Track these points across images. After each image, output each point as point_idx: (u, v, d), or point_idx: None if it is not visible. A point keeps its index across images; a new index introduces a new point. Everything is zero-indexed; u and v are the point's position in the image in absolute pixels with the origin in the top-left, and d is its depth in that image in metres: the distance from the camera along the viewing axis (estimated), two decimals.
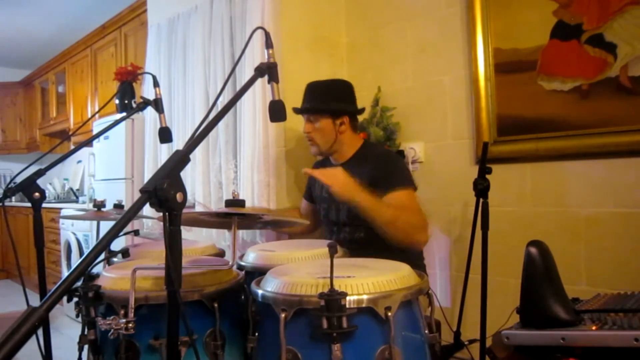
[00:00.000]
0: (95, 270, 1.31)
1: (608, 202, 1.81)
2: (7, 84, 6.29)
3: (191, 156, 0.98)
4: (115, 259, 1.63)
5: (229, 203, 1.34)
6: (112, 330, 1.07)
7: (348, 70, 2.67)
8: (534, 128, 1.97)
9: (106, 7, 4.15)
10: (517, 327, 1.08)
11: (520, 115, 2.01)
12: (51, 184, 5.76)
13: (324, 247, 1.48)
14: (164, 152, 2.90)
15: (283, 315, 1.04)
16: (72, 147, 3.79)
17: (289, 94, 2.08)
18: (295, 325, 1.05)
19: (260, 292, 1.14)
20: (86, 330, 1.25)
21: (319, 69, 2.46)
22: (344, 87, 1.99)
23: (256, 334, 1.20)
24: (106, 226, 0.98)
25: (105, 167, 3.58)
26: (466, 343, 1.92)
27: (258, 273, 1.36)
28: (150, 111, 2.82)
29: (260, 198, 2.33)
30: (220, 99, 2.16)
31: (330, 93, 1.93)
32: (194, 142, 1.02)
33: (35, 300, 0.86)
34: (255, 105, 2.36)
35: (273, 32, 2.15)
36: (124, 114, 2.23)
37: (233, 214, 1.31)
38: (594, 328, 0.98)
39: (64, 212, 4.08)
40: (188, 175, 2.71)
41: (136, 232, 1.75)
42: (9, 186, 1.53)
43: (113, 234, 0.80)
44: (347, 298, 1.00)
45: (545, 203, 1.97)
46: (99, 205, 1.74)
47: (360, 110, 2.01)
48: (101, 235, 0.97)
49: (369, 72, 2.57)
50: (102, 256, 1.11)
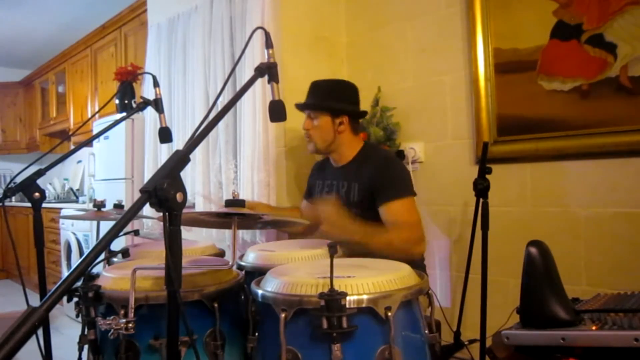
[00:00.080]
0: (95, 270, 1.31)
1: (608, 202, 1.81)
2: (7, 84, 6.29)
3: (191, 156, 0.98)
4: (115, 259, 1.63)
5: (229, 203, 1.34)
6: (112, 330, 1.07)
7: (348, 70, 2.67)
8: (534, 128, 1.97)
9: (106, 7, 4.15)
10: (517, 327, 1.08)
11: (520, 115, 2.01)
12: (51, 184, 5.76)
13: (324, 247, 1.49)
14: (164, 152, 2.90)
15: (283, 315, 1.04)
16: (72, 147, 3.80)
17: (289, 94, 2.08)
18: (295, 325, 1.05)
19: (260, 292, 1.14)
20: (86, 330, 1.25)
21: (319, 69, 2.46)
22: (347, 87, 1.99)
23: (256, 334, 1.20)
24: (106, 226, 0.98)
25: (105, 167, 3.58)
26: (466, 343, 1.92)
27: (258, 273, 1.36)
28: (150, 111, 2.83)
29: (260, 198, 2.33)
30: (220, 99, 2.16)
31: (332, 92, 1.94)
32: (194, 142, 1.02)
33: (35, 300, 0.86)
34: (255, 105, 2.36)
35: (273, 32, 2.15)
36: (124, 114, 2.23)
37: (233, 214, 1.31)
38: (594, 328, 0.98)
39: (64, 212, 4.08)
40: (188, 175, 2.71)
41: (136, 232, 1.75)
42: (9, 186, 1.53)
43: (113, 234, 0.80)
44: (347, 298, 1.00)
45: (545, 203, 1.97)
46: (99, 205, 1.74)
47: (361, 112, 2.00)
48: (101, 235, 0.97)
49: (369, 72, 2.57)
50: (102, 256, 1.11)
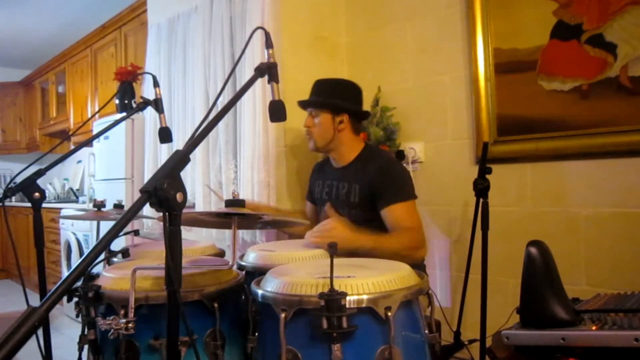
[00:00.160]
0: (95, 270, 1.31)
1: (608, 202, 1.81)
2: (7, 84, 6.29)
3: (191, 156, 0.98)
4: (115, 259, 1.63)
5: (229, 203, 1.34)
6: (112, 330, 1.07)
7: (348, 70, 2.67)
8: (534, 128, 1.97)
9: (106, 7, 4.15)
10: (517, 327, 1.08)
11: (520, 115, 2.01)
12: (51, 184, 5.76)
13: (324, 247, 1.49)
14: (164, 152, 2.90)
15: (283, 315, 1.04)
16: (72, 147, 3.80)
17: (289, 94, 2.08)
18: (295, 325, 1.05)
19: (260, 292, 1.14)
20: (86, 330, 1.25)
21: (319, 69, 2.46)
22: (348, 86, 2.00)
23: (256, 334, 1.20)
24: (106, 226, 0.98)
25: (105, 167, 3.58)
26: (466, 343, 1.92)
27: (258, 273, 1.36)
28: (150, 111, 2.83)
29: (260, 198, 2.33)
30: (220, 99, 2.16)
31: (334, 90, 1.95)
32: (194, 142, 1.02)
33: (35, 300, 0.86)
34: (255, 105, 2.36)
35: (273, 32, 2.15)
36: (124, 114, 2.24)
37: (233, 214, 1.31)
38: (594, 328, 0.98)
39: (64, 212, 4.08)
40: (188, 175, 2.71)
41: (136, 232, 1.75)
42: (9, 186, 1.53)
43: (113, 234, 0.80)
44: (347, 298, 1.00)
45: (545, 203, 1.97)
46: (99, 205, 1.74)
47: (363, 112, 2.01)
48: (101, 235, 0.97)
49: (369, 72, 2.57)
50: (102, 256, 1.11)
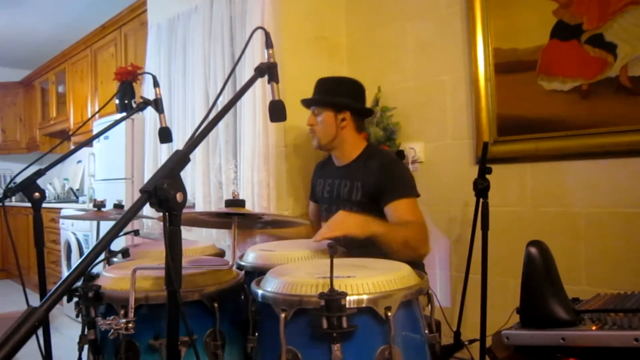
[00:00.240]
0: (95, 270, 1.31)
1: (608, 202, 1.81)
2: (7, 84, 6.29)
3: (191, 156, 0.98)
4: (115, 259, 1.63)
5: (229, 203, 1.34)
6: (112, 330, 1.07)
7: (348, 70, 2.67)
8: (534, 128, 1.97)
9: (106, 7, 4.15)
10: (517, 327, 1.08)
11: (520, 115, 2.01)
12: (51, 184, 5.76)
13: (324, 247, 1.49)
14: (164, 152, 2.90)
15: (283, 315, 1.04)
16: (72, 147, 3.80)
17: (289, 94, 2.08)
18: (295, 325, 1.05)
19: (260, 292, 1.14)
20: (86, 330, 1.25)
21: (319, 69, 2.46)
22: (351, 84, 2.00)
23: (256, 334, 1.20)
24: (106, 226, 0.98)
25: (105, 167, 3.58)
26: (466, 343, 1.92)
27: (258, 273, 1.36)
28: (150, 111, 2.83)
29: (260, 198, 2.33)
30: (220, 99, 2.16)
31: (336, 88, 1.96)
32: (194, 142, 1.02)
33: (35, 300, 0.86)
34: (255, 105, 2.36)
35: (273, 32, 2.15)
36: (124, 114, 2.23)
37: (233, 214, 1.31)
38: (594, 328, 0.98)
39: (64, 212, 4.08)
40: (188, 175, 2.71)
41: (136, 232, 1.75)
42: (9, 186, 1.53)
43: (113, 234, 0.80)
44: (347, 298, 1.00)
45: (545, 203, 1.97)
46: (99, 205, 1.74)
47: (365, 110, 2.01)
48: (101, 235, 0.97)
49: (369, 72, 2.57)
50: (102, 256, 1.11)
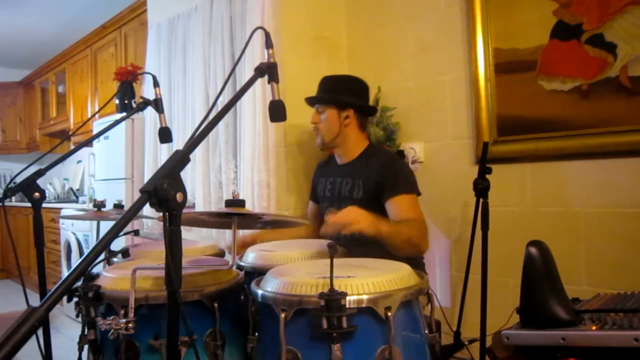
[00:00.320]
0: (95, 270, 1.31)
1: (608, 202, 1.81)
2: (7, 84, 6.29)
3: (191, 156, 0.98)
4: (115, 259, 1.63)
5: (229, 203, 1.34)
6: (112, 330, 1.07)
7: (348, 70, 2.67)
8: (534, 128, 1.97)
9: (106, 7, 4.15)
10: (517, 327, 1.08)
11: (520, 115, 2.01)
12: (51, 184, 5.76)
13: (324, 247, 1.49)
14: (164, 152, 2.90)
15: (283, 315, 1.04)
16: (72, 147, 3.80)
17: (289, 94, 2.08)
18: (295, 325, 1.05)
19: (260, 292, 1.14)
20: (86, 330, 1.25)
21: (319, 69, 2.46)
22: (354, 82, 2.01)
23: (256, 334, 1.20)
24: (106, 226, 0.98)
25: (105, 167, 3.58)
26: (466, 343, 1.92)
27: (258, 273, 1.36)
28: (150, 111, 2.83)
29: (260, 198, 2.33)
30: (220, 99, 2.16)
31: (340, 86, 1.97)
32: (194, 142, 1.02)
33: (35, 300, 0.86)
34: (255, 105, 2.36)
35: (273, 32, 2.15)
36: (124, 114, 2.23)
37: (233, 214, 1.31)
38: (594, 328, 0.98)
39: (64, 212, 4.08)
40: (188, 175, 2.71)
41: (136, 232, 1.75)
42: (9, 186, 1.53)
43: (113, 234, 0.80)
44: (347, 298, 1.00)
45: (545, 203, 1.97)
46: (99, 205, 1.74)
47: (369, 108, 2.02)
48: (101, 235, 0.97)
49: (369, 72, 2.56)
50: (102, 256, 1.11)
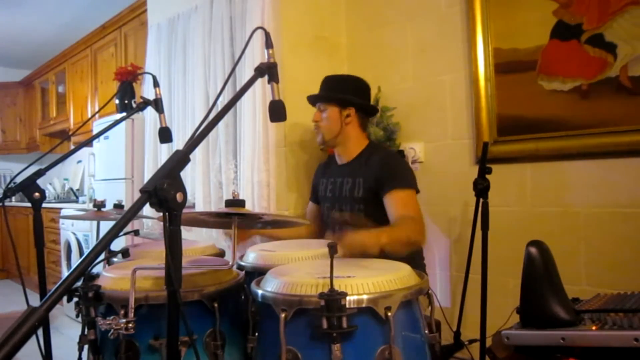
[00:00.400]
0: (95, 270, 1.31)
1: (608, 202, 1.81)
2: (7, 84, 6.29)
3: (191, 156, 0.98)
4: (115, 259, 1.63)
5: (229, 203, 1.34)
6: (112, 330, 1.07)
7: (348, 70, 2.67)
8: (534, 128, 1.97)
9: (106, 7, 4.15)
10: (517, 327, 1.08)
11: (520, 115, 2.01)
12: (51, 184, 5.76)
13: (324, 247, 1.48)
14: (164, 152, 2.90)
15: (283, 315, 1.04)
16: (72, 147, 3.80)
17: (289, 94, 2.08)
18: (295, 325, 1.05)
19: (260, 292, 1.14)
20: (86, 330, 1.25)
21: (319, 69, 2.46)
22: (356, 81, 2.02)
23: (256, 334, 1.20)
24: (106, 226, 0.98)
25: (105, 167, 3.58)
26: (466, 343, 1.92)
27: (258, 273, 1.36)
28: (150, 111, 2.83)
29: (260, 198, 2.33)
30: (220, 99, 2.16)
31: (342, 85, 1.98)
32: (194, 142, 1.02)
33: (35, 300, 0.85)
34: (255, 105, 2.36)
35: (273, 32, 2.15)
36: (124, 114, 2.23)
37: (233, 214, 1.31)
38: (594, 328, 0.98)
39: (64, 212, 4.08)
40: (188, 175, 2.71)
41: (136, 232, 1.75)
42: (9, 186, 1.53)
43: (113, 234, 0.80)
44: (347, 298, 1.00)
45: (545, 203, 1.97)
46: (99, 205, 1.74)
47: (370, 107, 2.03)
48: (101, 235, 0.97)
49: (369, 72, 2.56)
50: (102, 256, 1.11)
